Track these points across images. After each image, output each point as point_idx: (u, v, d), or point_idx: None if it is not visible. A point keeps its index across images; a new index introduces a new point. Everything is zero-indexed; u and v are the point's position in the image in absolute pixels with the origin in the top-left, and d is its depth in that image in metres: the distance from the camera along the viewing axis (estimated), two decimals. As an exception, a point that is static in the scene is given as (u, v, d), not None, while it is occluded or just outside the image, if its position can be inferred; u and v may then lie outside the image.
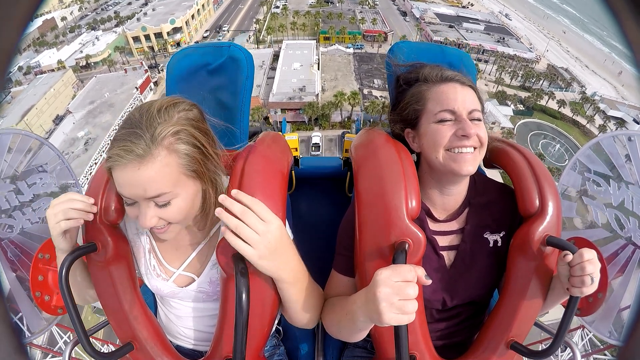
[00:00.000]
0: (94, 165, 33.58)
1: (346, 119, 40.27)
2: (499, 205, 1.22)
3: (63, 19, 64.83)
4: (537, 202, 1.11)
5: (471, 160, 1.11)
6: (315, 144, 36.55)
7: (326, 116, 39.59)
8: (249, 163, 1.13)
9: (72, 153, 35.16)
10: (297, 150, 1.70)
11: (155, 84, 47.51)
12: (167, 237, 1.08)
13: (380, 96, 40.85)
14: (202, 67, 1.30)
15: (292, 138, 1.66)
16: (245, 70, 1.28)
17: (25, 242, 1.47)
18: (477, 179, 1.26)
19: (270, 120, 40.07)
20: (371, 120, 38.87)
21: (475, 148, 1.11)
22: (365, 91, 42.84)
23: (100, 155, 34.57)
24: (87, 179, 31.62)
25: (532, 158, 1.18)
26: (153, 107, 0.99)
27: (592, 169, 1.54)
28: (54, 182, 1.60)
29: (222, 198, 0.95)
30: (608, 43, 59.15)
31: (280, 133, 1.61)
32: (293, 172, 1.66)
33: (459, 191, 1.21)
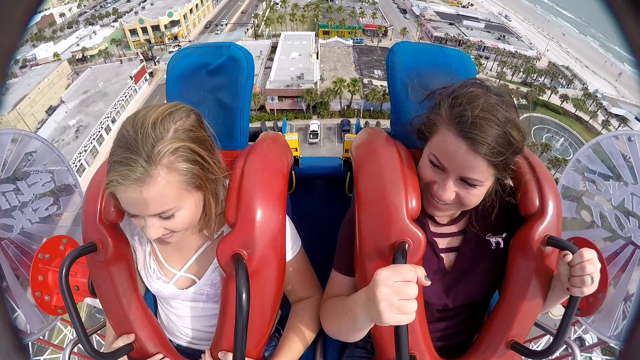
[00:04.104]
0: (83, 152, 33.42)
1: (345, 108, 39.42)
2: (500, 206, 1.20)
3: (61, 15, 64.33)
4: (537, 202, 1.10)
5: (443, 210, 1.10)
6: (313, 131, 35.81)
7: (325, 104, 38.67)
8: (249, 163, 1.13)
9: (62, 141, 34.88)
10: (297, 150, 1.69)
11: (151, 74, 47.12)
12: (172, 240, 1.09)
13: (381, 86, 39.28)
14: (202, 67, 1.29)
15: (292, 138, 1.65)
16: (246, 70, 1.27)
17: (25, 242, 1.47)
18: None
19: (267, 109, 39.00)
20: (372, 109, 38.20)
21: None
22: (365, 80, 41.88)
23: (91, 143, 34.44)
24: (76, 165, 31.25)
25: (533, 158, 1.17)
26: (147, 120, 0.94)
27: (592, 169, 1.54)
28: (53, 179, 1.59)
29: None
30: (607, 46, 58.92)
31: (280, 133, 1.60)
32: (293, 172, 1.66)
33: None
